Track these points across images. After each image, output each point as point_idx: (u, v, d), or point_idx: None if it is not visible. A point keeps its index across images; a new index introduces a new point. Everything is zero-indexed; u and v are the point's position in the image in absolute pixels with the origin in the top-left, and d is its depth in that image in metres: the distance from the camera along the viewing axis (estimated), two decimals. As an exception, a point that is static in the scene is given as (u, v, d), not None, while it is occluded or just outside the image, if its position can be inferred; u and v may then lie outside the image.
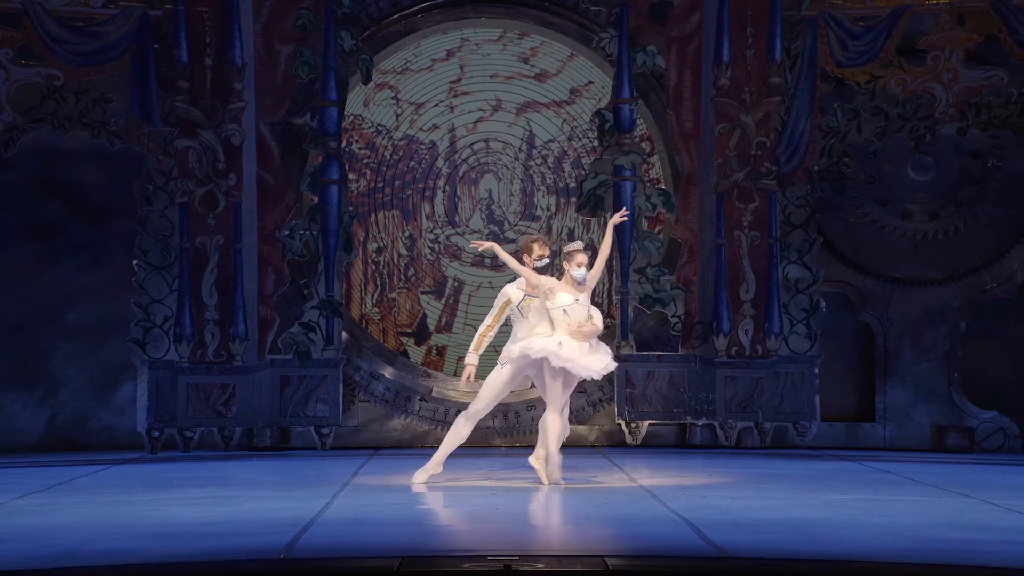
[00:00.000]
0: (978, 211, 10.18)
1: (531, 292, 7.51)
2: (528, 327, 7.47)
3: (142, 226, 9.80)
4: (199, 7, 9.71)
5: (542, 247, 7.55)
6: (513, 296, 7.55)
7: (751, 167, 9.86)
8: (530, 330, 7.45)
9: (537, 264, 7.55)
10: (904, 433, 10.14)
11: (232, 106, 9.73)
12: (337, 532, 5.98)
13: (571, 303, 7.30)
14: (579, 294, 7.35)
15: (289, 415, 9.85)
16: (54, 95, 9.71)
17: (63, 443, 10.02)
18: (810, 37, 9.82)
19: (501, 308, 7.59)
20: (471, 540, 5.84)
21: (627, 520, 6.36)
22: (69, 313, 10.11)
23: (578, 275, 7.36)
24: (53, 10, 9.60)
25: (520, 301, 7.51)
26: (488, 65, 10.48)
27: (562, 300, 7.32)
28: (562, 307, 7.30)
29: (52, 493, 7.48)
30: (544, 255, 7.52)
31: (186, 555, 5.38)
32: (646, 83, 10.08)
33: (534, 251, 7.55)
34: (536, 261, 7.53)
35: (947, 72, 9.77)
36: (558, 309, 7.31)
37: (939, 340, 10.18)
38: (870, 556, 5.33)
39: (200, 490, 7.51)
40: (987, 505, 6.82)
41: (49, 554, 5.39)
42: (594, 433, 10.15)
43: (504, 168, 10.51)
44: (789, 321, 9.88)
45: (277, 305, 9.86)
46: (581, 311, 7.31)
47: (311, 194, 9.94)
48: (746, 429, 9.89)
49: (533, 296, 7.51)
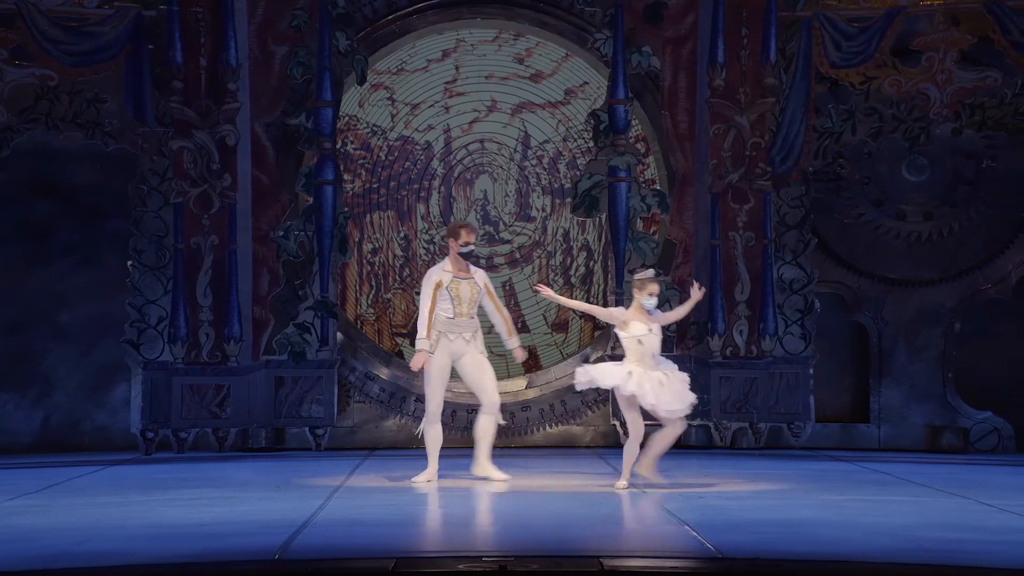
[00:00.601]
0: (972, 212, 10.19)
1: (460, 274, 7.70)
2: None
3: (136, 227, 9.78)
4: (193, 7, 9.70)
5: (468, 233, 7.72)
6: (443, 279, 7.68)
7: (746, 168, 9.86)
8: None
9: (462, 250, 7.69)
10: (898, 433, 10.16)
11: (227, 106, 9.71)
12: (332, 533, 5.97)
13: (645, 333, 7.35)
14: (652, 324, 7.38)
15: (284, 416, 9.84)
16: (48, 95, 9.69)
17: (57, 444, 10.00)
18: (804, 38, 9.83)
19: (433, 292, 7.71)
20: (466, 541, 5.83)
21: (622, 520, 6.36)
22: (62, 314, 10.10)
23: (648, 304, 7.38)
24: (47, 10, 9.58)
25: (449, 283, 7.65)
26: (483, 66, 10.48)
27: (636, 330, 7.37)
28: (637, 337, 7.36)
29: (46, 494, 7.46)
30: (470, 241, 7.70)
31: (180, 556, 5.37)
32: (641, 84, 10.09)
33: (461, 236, 7.70)
34: (462, 247, 7.69)
35: (941, 73, 9.79)
36: (632, 339, 7.37)
37: (933, 341, 10.19)
38: (865, 556, 5.33)
39: (194, 491, 7.50)
40: (981, 505, 6.83)
41: (43, 555, 5.38)
42: (589, 434, 10.15)
43: (499, 169, 10.51)
44: (784, 322, 9.89)
45: (272, 306, 9.85)
46: (655, 341, 7.38)
47: (306, 195, 9.93)
48: (741, 429, 9.90)
49: (460, 278, 7.68)
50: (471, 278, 7.73)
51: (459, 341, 7.68)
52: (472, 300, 7.69)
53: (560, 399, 10.12)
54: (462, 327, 7.67)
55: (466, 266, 7.74)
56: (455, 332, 7.67)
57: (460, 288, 7.65)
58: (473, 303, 7.70)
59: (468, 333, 7.69)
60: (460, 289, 7.65)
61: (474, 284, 7.72)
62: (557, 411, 10.13)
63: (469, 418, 10.14)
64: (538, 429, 10.13)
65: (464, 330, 7.67)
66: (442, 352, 7.64)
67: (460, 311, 7.63)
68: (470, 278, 7.72)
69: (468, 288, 7.68)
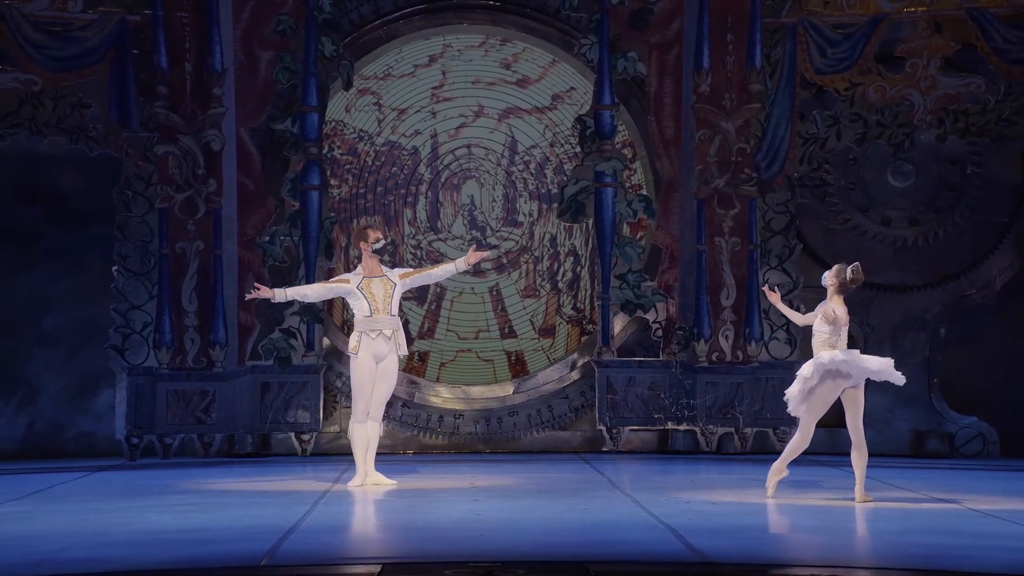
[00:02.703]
0: (957, 217, 10.24)
1: (371, 274, 7.79)
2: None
3: (121, 232, 9.74)
4: (178, 12, 9.67)
5: (375, 232, 7.87)
6: (352, 280, 7.80)
7: (731, 173, 9.89)
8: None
9: (375, 246, 7.81)
10: (884, 439, 10.17)
11: (212, 112, 9.69)
12: (318, 539, 5.95)
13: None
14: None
15: (269, 422, 9.81)
16: (32, 100, 9.65)
17: (41, 450, 9.94)
18: (789, 44, 9.87)
19: (334, 283, 7.93)
20: (452, 547, 5.82)
21: (608, 526, 6.35)
22: (46, 319, 10.04)
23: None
24: (31, 15, 9.54)
25: (360, 283, 7.76)
26: (470, 71, 10.48)
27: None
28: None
29: (30, 501, 7.42)
30: (379, 237, 7.84)
31: (166, 563, 5.34)
32: (627, 89, 10.10)
33: (369, 237, 7.84)
34: (374, 244, 7.80)
35: (925, 79, 9.83)
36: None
37: (918, 346, 10.22)
38: (850, 562, 5.34)
39: (179, 497, 7.46)
40: (966, 511, 6.84)
41: (26, 562, 5.35)
42: (576, 439, 10.15)
43: (486, 174, 10.51)
44: (769, 327, 9.91)
45: (257, 311, 9.82)
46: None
47: (292, 200, 9.91)
48: (727, 434, 9.91)
49: (372, 277, 7.76)
50: (383, 276, 7.82)
51: (380, 339, 7.74)
52: (386, 296, 7.76)
53: (547, 404, 10.12)
54: (381, 323, 7.74)
55: (378, 266, 7.85)
56: (374, 329, 7.74)
57: (372, 285, 7.76)
58: (388, 299, 7.76)
59: (388, 330, 7.76)
60: (372, 287, 7.75)
61: (387, 280, 7.81)
62: (544, 416, 10.13)
63: (456, 423, 10.15)
64: (525, 434, 10.13)
65: (384, 326, 7.74)
66: (366, 354, 7.72)
67: (376, 307, 7.72)
68: (382, 276, 7.82)
69: (380, 284, 7.77)
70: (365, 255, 7.82)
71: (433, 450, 10.11)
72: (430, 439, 10.12)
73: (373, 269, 7.82)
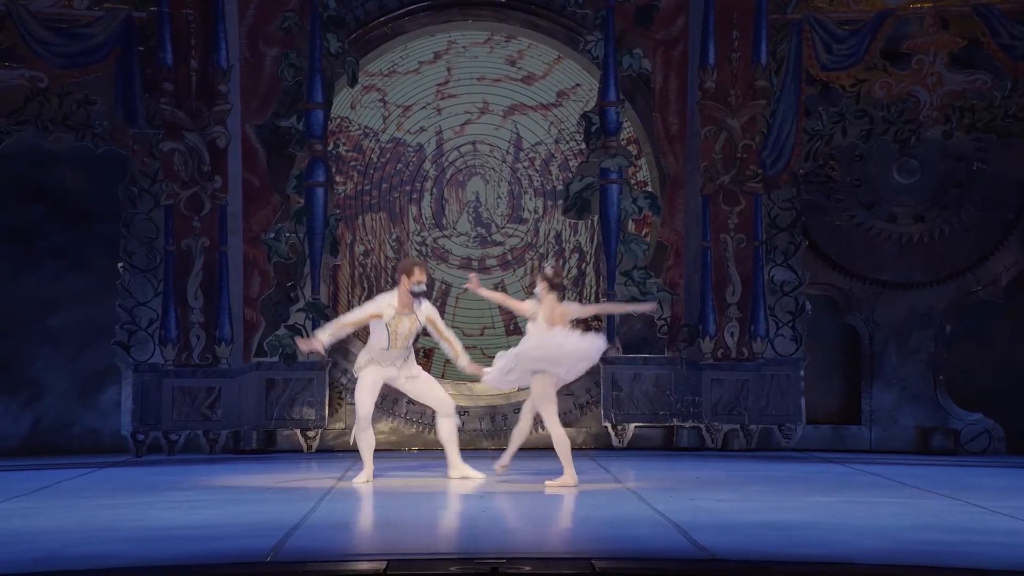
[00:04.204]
0: (963, 214, 10.22)
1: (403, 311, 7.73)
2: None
3: (127, 229, 9.76)
4: (184, 9, 9.68)
5: (422, 272, 7.78)
6: (385, 314, 7.73)
7: (736, 170, 9.88)
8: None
9: (415, 289, 7.73)
10: (889, 435, 10.17)
11: (217, 108, 9.70)
12: (324, 535, 5.96)
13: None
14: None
15: (275, 418, 9.82)
16: (38, 97, 9.67)
17: (47, 447, 9.96)
18: (795, 40, 9.85)
19: (367, 317, 7.80)
20: (458, 543, 5.83)
21: (613, 522, 6.36)
22: (52, 317, 10.06)
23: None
24: (37, 12, 9.56)
25: (391, 319, 7.72)
26: (475, 68, 10.48)
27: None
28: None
29: (36, 497, 7.44)
30: (422, 280, 7.75)
31: (171, 559, 5.36)
32: (632, 86, 10.10)
33: (414, 275, 7.75)
34: (414, 286, 7.72)
35: (931, 75, 9.82)
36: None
37: (924, 342, 10.21)
38: (855, 558, 5.34)
39: (185, 493, 7.48)
40: (972, 507, 6.84)
41: (33, 558, 5.36)
42: (581, 435, 10.15)
43: (491, 171, 10.51)
44: (775, 323, 9.90)
45: (263, 308, 9.84)
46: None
47: (297, 196, 9.92)
48: (732, 431, 9.91)
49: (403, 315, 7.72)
50: (413, 314, 7.79)
51: (391, 368, 7.87)
52: (409, 334, 7.82)
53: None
54: (394, 357, 7.84)
55: (411, 302, 7.79)
56: (387, 361, 7.85)
57: (400, 324, 7.76)
58: (409, 336, 7.84)
59: (400, 361, 7.86)
60: (399, 325, 7.76)
61: (414, 319, 7.80)
62: (548, 413, 10.12)
63: (461, 420, 10.13)
64: (530, 431, 10.11)
65: (396, 359, 7.85)
66: (376, 368, 7.81)
67: (395, 344, 7.78)
68: (412, 314, 7.79)
69: (408, 323, 7.78)
70: (403, 289, 7.75)
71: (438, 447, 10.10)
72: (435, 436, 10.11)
73: (406, 305, 7.77)
